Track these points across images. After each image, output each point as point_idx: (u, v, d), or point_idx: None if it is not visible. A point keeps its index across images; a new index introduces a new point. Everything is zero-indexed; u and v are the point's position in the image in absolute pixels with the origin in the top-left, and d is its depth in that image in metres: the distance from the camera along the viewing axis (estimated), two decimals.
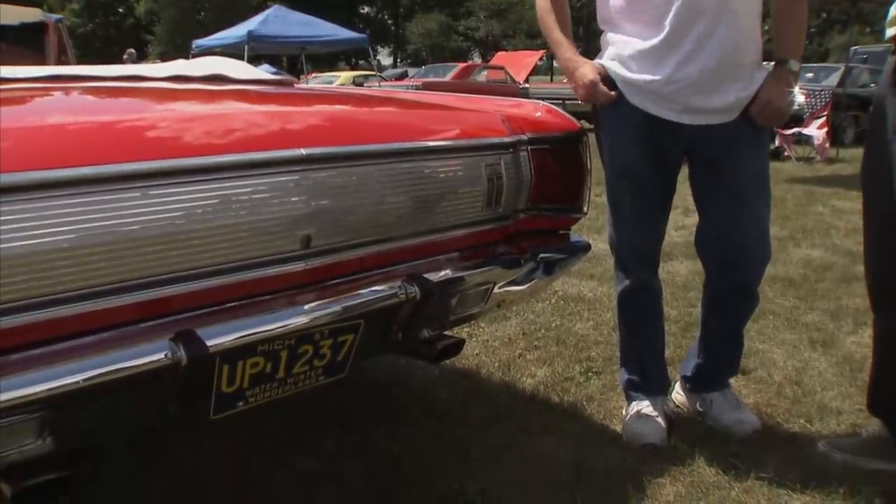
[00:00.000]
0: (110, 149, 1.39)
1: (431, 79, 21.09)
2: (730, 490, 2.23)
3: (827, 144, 11.93)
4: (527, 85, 20.08)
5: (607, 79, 2.41)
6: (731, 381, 2.74)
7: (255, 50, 18.37)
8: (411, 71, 29.12)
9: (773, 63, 2.39)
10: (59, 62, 5.16)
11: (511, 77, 22.67)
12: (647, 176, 2.45)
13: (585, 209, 2.44)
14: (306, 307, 1.67)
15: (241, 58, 15.62)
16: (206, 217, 1.48)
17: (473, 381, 3.02)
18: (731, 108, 2.34)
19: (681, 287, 4.31)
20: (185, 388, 1.51)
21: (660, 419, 2.54)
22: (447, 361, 3.02)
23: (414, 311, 1.89)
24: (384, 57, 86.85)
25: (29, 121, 1.43)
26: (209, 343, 1.48)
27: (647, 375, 2.65)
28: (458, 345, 2.23)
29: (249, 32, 15.85)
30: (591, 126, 2.60)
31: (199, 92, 2.41)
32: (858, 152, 10.63)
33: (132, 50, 20.22)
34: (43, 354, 1.32)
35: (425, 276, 1.87)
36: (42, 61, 5.08)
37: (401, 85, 21.03)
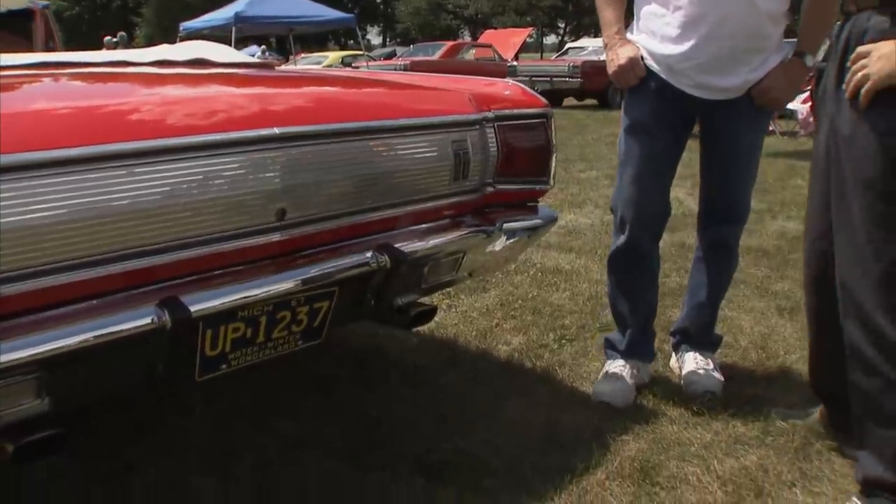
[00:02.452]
0: (97, 130, 1.50)
1: (419, 58, 21.13)
2: (689, 446, 2.37)
3: (811, 119, 12.02)
4: (514, 63, 20.09)
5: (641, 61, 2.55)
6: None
7: (242, 32, 18.39)
8: (400, 50, 29.08)
9: (793, 41, 2.52)
10: (47, 48, 5.25)
11: (499, 55, 22.73)
12: (656, 134, 2.58)
13: (551, 182, 2.55)
14: (282, 275, 1.79)
15: (228, 39, 15.67)
16: (187, 192, 1.59)
17: (451, 349, 3.15)
18: (740, 87, 2.48)
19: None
20: (171, 350, 1.64)
21: (626, 380, 2.67)
22: (425, 330, 3.17)
23: (385, 278, 2.01)
24: (374, 36, 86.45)
25: (20, 105, 1.54)
26: (192, 308, 1.60)
27: (628, 338, 2.78)
28: (432, 312, 2.35)
29: (236, 14, 15.86)
30: (579, 102, 2.71)
31: (182, 76, 2.51)
32: None
33: (123, 33, 20.24)
34: (40, 320, 1.44)
35: (396, 245, 2.00)
36: (29, 48, 5.19)
37: (389, 65, 21.07)
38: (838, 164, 2.00)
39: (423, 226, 2.17)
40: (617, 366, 2.73)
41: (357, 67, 20.87)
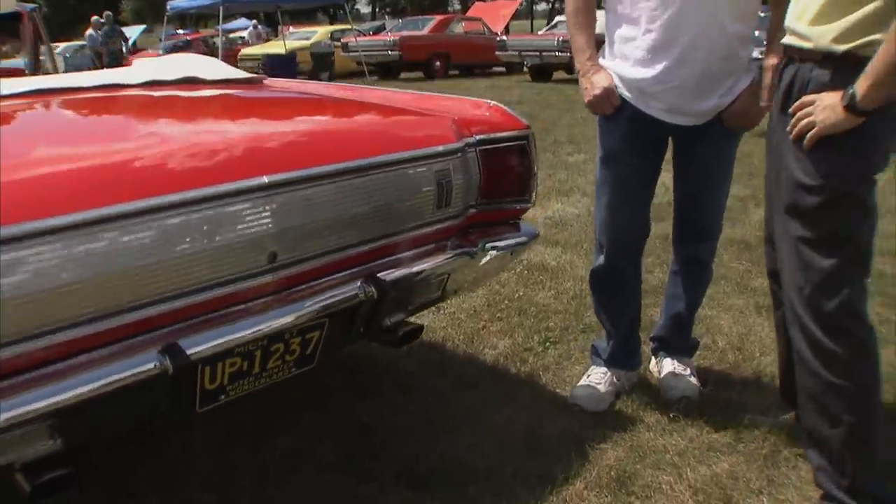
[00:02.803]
0: (92, 194, 1.59)
1: (409, 33, 21.12)
2: (664, 453, 2.50)
3: None
4: (504, 37, 20.07)
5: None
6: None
7: (230, 10, 18.36)
8: (389, 23, 28.97)
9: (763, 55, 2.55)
10: (35, 48, 5.36)
11: (488, 28, 22.71)
12: (629, 161, 2.67)
13: (533, 201, 2.65)
14: (274, 312, 1.90)
15: (216, 16, 15.66)
16: (183, 245, 1.70)
17: (440, 354, 3.28)
18: (712, 111, 2.55)
19: None
20: (173, 389, 1.75)
21: (602, 388, 2.80)
22: None
23: (373, 307, 2.13)
24: (363, 6, 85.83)
25: (16, 171, 1.62)
26: (191, 351, 1.71)
27: (610, 348, 2.91)
28: (418, 330, 2.45)
29: None
30: (569, 76, 2.76)
31: (172, 106, 2.62)
32: None
33: (109, 13, 20.22)
34: (52, 372, 1.56)
35: (382, 276, 2.11)
36: (18, 48, 5.31)
37: (378, 40, 21.02)
38: (779, 190, 2.14)
39: (409, 253, 2.28)
40: (598, 373, 2.86)
41: (346, 43, 20.85)
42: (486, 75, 21.48)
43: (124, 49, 20.32)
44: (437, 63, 21.04)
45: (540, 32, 20.43)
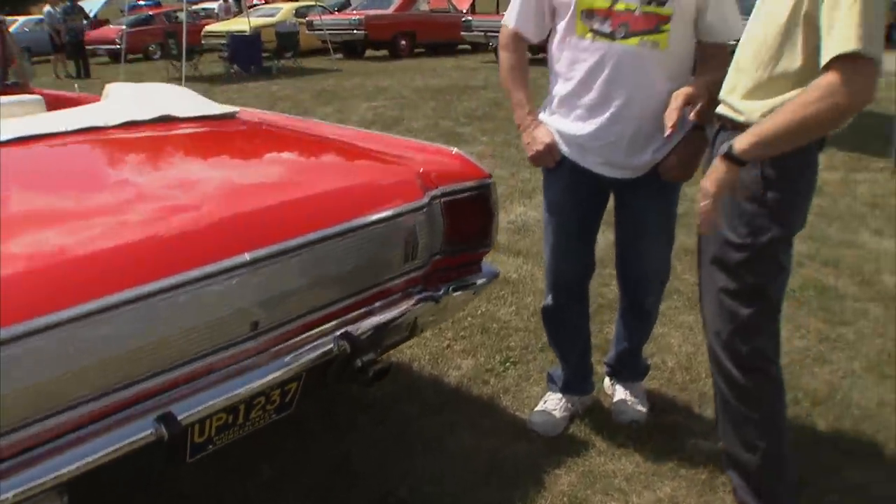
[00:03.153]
0: (86, 287, 1.76)
1: (374, 11, 21.08)
2: (613, 478, 2.73)
3: None
4: (470, 17, 20.15)
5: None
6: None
7: None
8: (354, 0, 28.83)
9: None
10: (4, 62, 5.43)
11: (454, 6, 22.74)
12: (570, 212, 2.85)
13: (493, 244, 2.85)
14: (257, 373, 2.09)
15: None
16: (172, 325, 1.88)
17: (408, 377, 3.49)
18: (647, 165, 2.70)
19: None
20: (167, 449, 1.94)
21: (557, 414, 3.03)
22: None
23: (346, 359, 2.32)
24: None
25: (8, 269, 1.76)
26: (182, 416, 1.90)
27: (564, 376, 3.13)
28: (388, 369, 2.64)
29: None
30: (534, 56, 2.90)
31: (153, 156, 2.77)
32: None
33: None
34: (59, 446, 1.74)
35: (353, 329, 2.30)
36: None
37: (343, 19, 20.96)
38: (708, 243, 2.36)
39: (379, 303, 2.47)
40: (554, 399, 3.08)
41: (311, 21, 20.80)
42: (451, 54, 21.54)
43: (85, 25, 20.10)
44: (403, 42, 21.12)
45: (505, 12, 20.42)
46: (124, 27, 21.29)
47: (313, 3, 22.54)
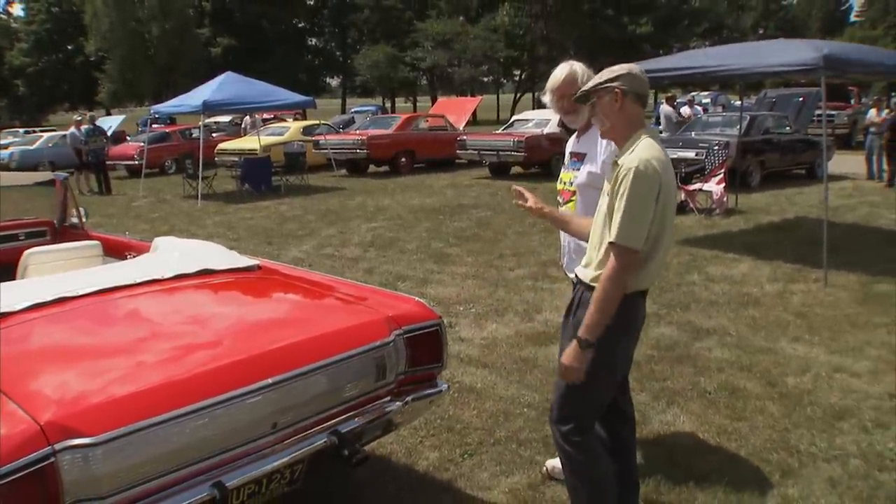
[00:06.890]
0: (163, 401, 2.84)
1: (375, 131, 22.45)
2: None
3: (725, 199, 13.64)
4: (465, 137, 21.48)
5: None
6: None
7: (210, 115, 19.70)
8: (358, 117, 30.67)
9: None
10: (64, 209, 6.57)
11: (451, 124, 24.20)
12: None
13: (445, 365, 3.92)
14: (275, 457, 3.14)
15: (197, 119, 17.18)
16: (222, 426, 2.95)
17: (385, 465, 4.53)
18: None
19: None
20: None
21: None
22: (371, 448, 4.51)
23: (336, 448, 3.38)
24: (334, 83, 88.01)
25: (108, 391, 2.90)
26: (229, 484, 2.95)
27: None
28: (367, 457, 3.69)
29: (204, 102, 17.19)
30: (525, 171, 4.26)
31: (200, 307, 3.89)
32: (759, 200, 12.88)
33: (91, 113, 21.44)
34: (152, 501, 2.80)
35: (341, 428, 3.37)
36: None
37: (347, 139, 22.29)
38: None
39: (359, 410, 3.54)
40: None
41: (317, 141, 22.25)
42: (448, 170, 22.73)
43: (105, 142, 21.39)
44: (403, 160, 22.46)
45: (497, 132, 21.87)
46: (144, 144, 22.71)
47: (318, 122, 24.09)
